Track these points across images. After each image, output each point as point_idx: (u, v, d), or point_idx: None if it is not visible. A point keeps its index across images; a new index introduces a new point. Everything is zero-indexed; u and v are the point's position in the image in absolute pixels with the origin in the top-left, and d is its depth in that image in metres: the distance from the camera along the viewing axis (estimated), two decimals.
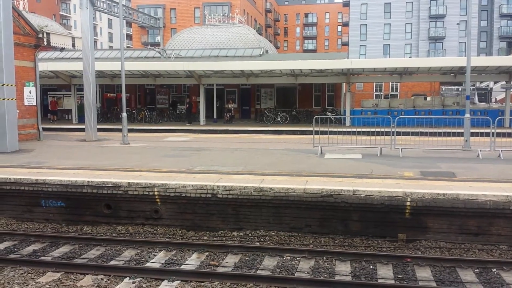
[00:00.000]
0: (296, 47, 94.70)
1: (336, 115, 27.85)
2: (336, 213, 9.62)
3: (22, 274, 7.79)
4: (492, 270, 7.77)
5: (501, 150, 13.95)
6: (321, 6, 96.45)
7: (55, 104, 34.70)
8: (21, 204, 11.23)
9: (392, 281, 7.40)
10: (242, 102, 35.55)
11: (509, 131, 15.35)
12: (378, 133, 15.00)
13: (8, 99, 15.84)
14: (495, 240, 9.06)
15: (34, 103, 20.16)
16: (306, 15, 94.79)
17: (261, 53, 35.40)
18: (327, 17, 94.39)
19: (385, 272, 7.74)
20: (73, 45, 69.40)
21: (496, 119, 14.30)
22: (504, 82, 30.39)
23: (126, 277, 7.58)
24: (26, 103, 19.60)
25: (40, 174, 11.43)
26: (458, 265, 7.91)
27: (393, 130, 14.28)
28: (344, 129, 15.31)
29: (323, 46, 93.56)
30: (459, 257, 8.31)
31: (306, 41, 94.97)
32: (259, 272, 7.78)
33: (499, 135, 14.38)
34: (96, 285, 7.31)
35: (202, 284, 7.30)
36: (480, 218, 9.07)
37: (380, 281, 7.41)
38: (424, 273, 7.68)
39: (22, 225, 10.93)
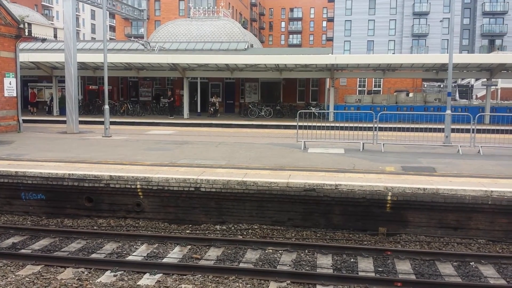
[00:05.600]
0: (281, 42, 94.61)
1: (319, 110, 27.98)
2: (319, 207, 9.70)
3: (1, 267, 7.69)
4: (470, 263, 7.93)
5: (481, 146, 14.20)
6: (306, 1, 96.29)
7: (35, 95, 34.13)
8: (0, 197, 11.05)
9: (373, 274, 7.50)
10: (226, 96, 35.42)
11: (489, 127, 15.58)
12: (360, 128, 15.12)
13: None
14: (473, 234, 9.24)
15: (15, 95, 19.80)
16: (291, 10, 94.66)
17: (246, 47, 35.29)
18: (312, 12, 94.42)
19: (365, 265, 7.84)
20: (55, 36, 68.28)
21: (477, 116, 14.53)
22: (485, 80, 30.84)
23: (107, 270, 7.54)
24: (6, 94, 19.24)
25: (20, 167, 11.26)
26: (437, 259, 8.05)
27: (375, 125, 14.41)
28: (328, 124, 15.38)
29: (308, 41, 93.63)
30: (438, 251, 8.47)
31: (291, 36, 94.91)
32: (241, 265, 7.81)
33: (479, 131, 14.61)
34: (76, 278, 7.24)
35: (184, 277, 7.30)
36: (459, 213, 9.24)
37: (360, 273, 7.50)
38: (404, 266, 7.80)
39: (1, 217, 10.78)
